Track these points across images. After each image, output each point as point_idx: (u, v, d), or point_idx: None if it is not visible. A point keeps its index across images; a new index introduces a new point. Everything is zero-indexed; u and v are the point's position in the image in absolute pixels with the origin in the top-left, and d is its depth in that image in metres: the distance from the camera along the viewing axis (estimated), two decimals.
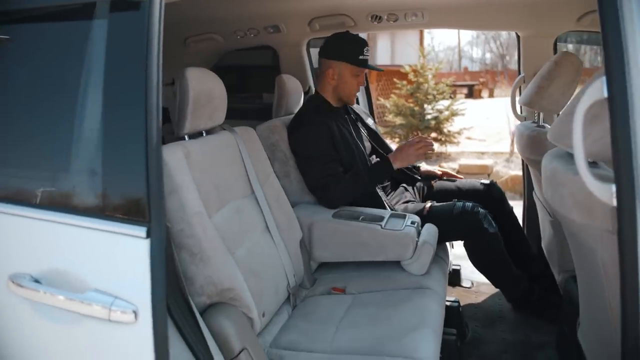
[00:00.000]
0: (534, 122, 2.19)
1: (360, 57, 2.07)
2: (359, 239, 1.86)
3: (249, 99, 3.09)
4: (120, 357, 0.97)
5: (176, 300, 1.17)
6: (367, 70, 2.18)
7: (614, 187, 0.92)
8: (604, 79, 0.94)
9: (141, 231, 0.93)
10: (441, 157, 7.04)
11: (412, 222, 1.89)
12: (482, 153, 6.97)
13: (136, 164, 0.94)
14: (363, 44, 2.10)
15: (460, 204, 2.04)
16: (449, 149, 7.24)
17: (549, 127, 2.19)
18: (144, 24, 0.95)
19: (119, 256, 0.95)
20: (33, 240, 1.02)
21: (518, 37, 2.41)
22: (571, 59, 1.94)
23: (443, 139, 7.16)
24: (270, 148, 2.09)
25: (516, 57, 2.55)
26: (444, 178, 2.44)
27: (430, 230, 1.89)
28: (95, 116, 0.97)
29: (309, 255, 1.93)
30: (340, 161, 2.03)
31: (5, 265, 1.03)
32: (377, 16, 2.34)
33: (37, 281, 1.00)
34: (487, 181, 2.34)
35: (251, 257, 1.55)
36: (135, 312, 0.92)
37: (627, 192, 0.89)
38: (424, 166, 2.49)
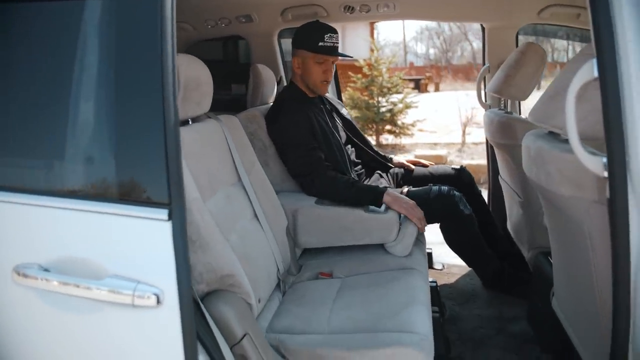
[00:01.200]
0: (501, 109, 2.30)
1: (320, 43, 2.04)
2: (343, 223, 1.90)
3: (219, 90, 3.05)
4: (145, 343, 0.96)
5: None
6: (334, 59, 2.17)
7: (604, 159, 1.01)
8: (594, 60, 1.02)
9: (162, 214, 0.92)
10: (396, 148, 7.22)
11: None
12: (435, 144, 7.20)
13: (154, 145, 0.93)
14: (325, 30, 2.06)
15: (436, 187, 2.13)
16: (403, 140, 7.43)
17: (516, 113, 2.32)
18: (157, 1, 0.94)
19: (140, 240, 0.94)
20: (44, 230, 0.98)
21: (483, 28, 2.52)
22: (536, 49, 2.06)
23: (397, 131, 7.33)
24: (249, 137, 2.08)
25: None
26: (416, 166, 2.52)
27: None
28: (110, 98, 0.95)
29: (294, 241, 1.95)
30: (321, 149, 2.05)
31: (13, 256, 0.99)
32: (349, 7, 2.38)
33: (46, 271, 0.97)
34: (457, 166, 2.45)
35: (243, 243, 1.56)
36: (159, 296, 0.92)
37: (618, 162, 0.97)
38: (396, 158, 2.56)
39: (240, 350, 1.34)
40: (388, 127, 7.31)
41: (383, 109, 7.21)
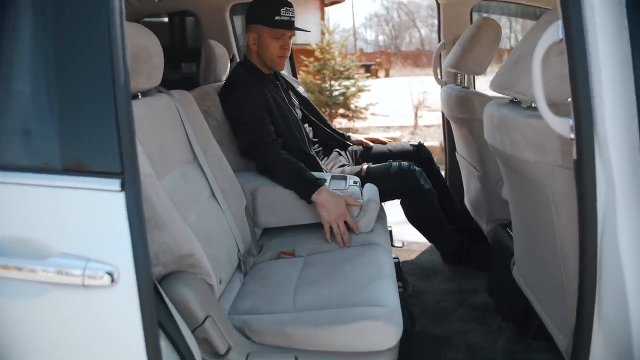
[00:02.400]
0: (458, 84, 2.31)
1: (277, 18, 1.97)
2: (305, 202, 1.85)
3: (168, 68, 2.91)
4: (101, 327, 0.87)
5: None
6: (291, 34, 2.11)
7: (571, 121, 1.00)
8: (559, 22, 1.01)
9: (114, 185, 0.84)
10: (350, 132, 7.22)
11: (355, 182, 1.92)
12: (389, 127, 7.26)
13: (103, 110, 0.84)
14: (282, 4, 1.98)
15: (396, 164, 2.11)
16: (357, 124, 7.44)
17: (472, 88, 2.34)
18: None
19: (89, 215, 0.85)
20: None
21: (438, 5, 2.52)
22: (491, 24, 2.07)
23: (351, 114, 7.34)
24: (203, 115, 1.99)
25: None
26: (375, 143, 2.50)
27: (372, 189, 1.93)
28: (53, 62, 0.85)
29: (254, 222, 1.89)
30: (273, 125, 1.98)
31: None
32: None
33: None
34: (416, 143, 2.44)
35: (202, 223, 1.49)
36: (113, 274, 0.84)
37: (586, 124, 0.97)
38: (354, 136, 2.53)
39: (203, 334, 1.27)
40: (342, 111, 7.30)
41: (336, 93, 7.18)
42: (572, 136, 1.00)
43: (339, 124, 7.42)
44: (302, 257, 1.75)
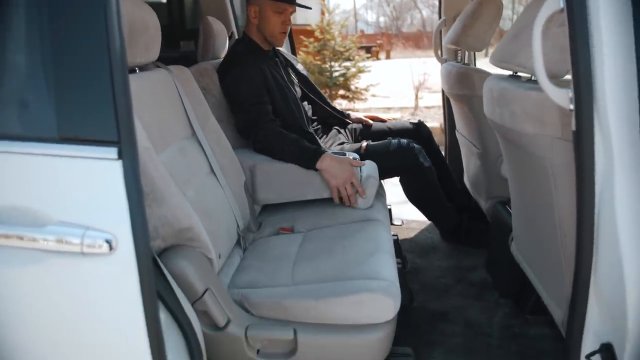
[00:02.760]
0: (458, 61, 2.29)
1: None
2: (303, 178, 1.85)
3: (167, 47, 2.89)
4: (100, 294, 0.88)
5: None
6: (292, 9, 2.10)
7: (570, 92, 1.00)
8: None
9: (111, 152, 0.83)
10: (355, 112, 7.20)
11: (354, 158, 1.91)
12: (389, 108, 7.22)
13: (99, 78, 0.83)
14: None
15: (395, 141, 2.11)
16: (357, 105, 7.41)
17: (473, 65, 2.32)
18: None
19: (87, 183, 0.85)
20: None
21: None
22: (493, 0, 2.05)
23: (351, 95, 7.30)
24: (202, 92, 1.98)
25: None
26: (374, 121, 2.49)
27: (371, 166, 1.93)
28: (46, 28, 0.84)
29: (252, 198, 1.89)
30: (272, 103, 1.97)
31: None
32: None
33: None
34: (415, 120, 2.43)
35: (201, 198, 1.49)
36: (111, 242, 0.84)
37: (586, 94, 0.96)
38: (353, 114, 2.52)
39: (202, 306, 1.28)
40: (342, 92, 7.25)
41: (336, 74, 7.13)
42: (571, 107, 1.00)
43: (339, 104, 7.38)
44: (300, 233, 1.75)
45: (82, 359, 0.93)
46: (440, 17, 2.55)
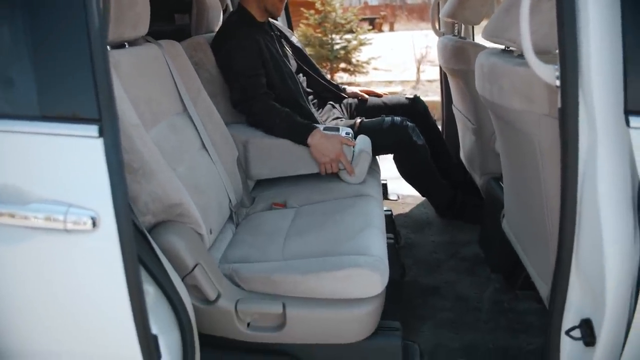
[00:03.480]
0: (455, 34, 2.26)
1: None
2: (296, 152, 1.85)
3: (160, 20, 2.84)
4: (83, 268, 0.90)
5: None
6: None
7: (556, 68, 0.99)
8: None
9: (92, 130, 0.84)
10: (351, 86, 7.13)
11: (347, 133, 1.91)
12: (390, 82, 7.14)
13: (78, 55, 0.83)
14: None
15: (389, 118, 2.10)
16: (358, 78, 7.33)
17: (470, 39, 2.29)
18: None
19: (69, 161, 0.86)
20: None
21: None
22: None
23: (352, 68, 7.22)
24: (194, 68, 1.96)
25: None
26: (370, 95, 2.47)
27: (365, 140, 1.93)
28: (24, 6, 0.83)
29: (245, 173, 1.90)
30: (267, 76, 1.96)
31: None
32: None
33: None
34: (411, 96, 2.41)
35: (192, 174, 1.49)
36: (94, 219, 0.85)
37: (571, 71, 0.95)
38: (349, 88, 2.50)
39: (192, 281, 1.31)
40: (343, 65, 7.17)
41: (337, 47, 7.03)
42: (557, 83, 0.99)
43: (340, 77, 7.31)
44: (293, 208, 1.76)
45: (68, 334, 0.95)
46: None
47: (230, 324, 1.35)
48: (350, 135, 1.91)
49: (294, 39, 2.36)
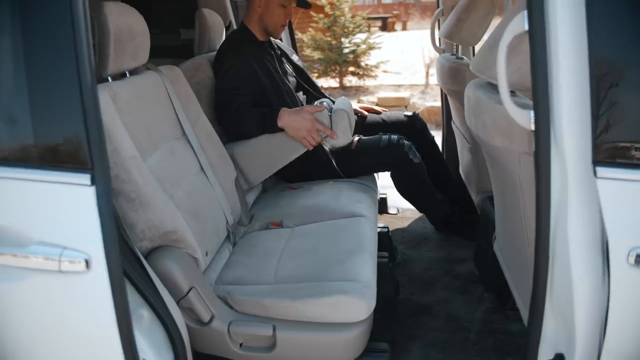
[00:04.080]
0: (453, 54, 2.29)
1: None
2: (277, 143, 1.94)
3: (166, 36, 2.91)
4: (76, 308, 0.96)
5: (120, 245, 1.17)
6: (294, 3, 2.14)
7: (532, 113, 1.02)
8: (525, 12, 1.01)
9: (85, 178, 0.90)
10: (360, 90, 7.16)
11: (321, 102, 1.98)
12: (399, 86, 7.16)
13: (71, 108, 0.89)
14: None
15: (386, 137, 2.13)
16: (367, 82, 7.35)
17: (467, 59, 2.31)
18: None
19: (64, 206, 0.92)
20: None
21: None
22: None
23: (361, 72, 7.24)
24: (196, 87, 2.02)
25: None
26: (369, 112, 2.52)
27: (342, 101, 1.99)
28: (19, 56, 0.89)
29: (246, 181, 1.97)
30: (263, 94, 2.01)
31: None
32: None
33: None
34: (410, 113, 2.45)
35: (189, 198, 1.55)
36: (87, 261, 0.91)
37: (543, 116, 0.99)
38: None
39: (187, 304, 1.37)
40: (351, 68, 7.20)
41: (346, 50, 7.06)
42: (533, 127, 1.02)
43: (349, 82, 7.34)
44: (289, 228, 1.81)
45: None
46: (438, 6, 2.53)
47: (224, 344, 1.41)
48: (326, 103, 1.97)
49: (295, 57, 2.41)
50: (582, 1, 0.92)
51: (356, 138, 2.18)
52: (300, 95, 2.29)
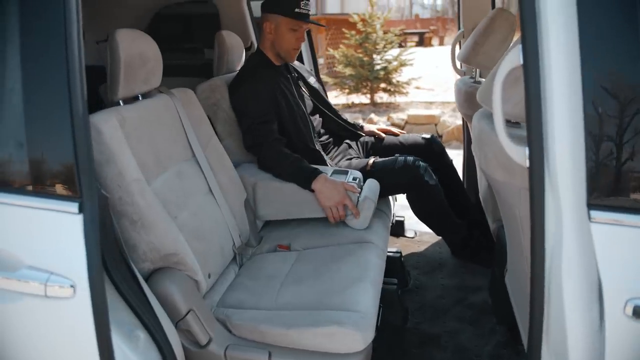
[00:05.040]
0: (471, 77, 2.25)
1: (297, 10, 2.02)
2: (302, 196, 1.90)
3: (191, 55, 2.99)
4: (61, 332, 0.98)
5: (118, 267, 1.19)
6: (307, 26, 2.16)
7: (527, 150, 0.99)
8: (519, 47, 0.98)
9: (73, 207, 0.92)
10: (390, 107, 7.12)
11: (354, 178, 1.94)
12: (430, 103, 7.09)
13: (62, 135, 0.92)
14: None
15: (402, 158, 2.11)
16: (398, 99, 7.32)
17: None
18: None
19: (52, 233, 0.95)
20: None
21: None
22: (506, 15, 1.99)
23: (392, 89, 7.21)
24: (212, 108, 2.07)
25: None
26: (387, 134, 2.50)
27: (371, 186, 1.95)
28: (12, 85, 0.93)
29: (254, 213, 1.96)
30: (279, 121, 2.03)
31: None
32: None
33: None
34: (428, 135, 2.41)
35: (195, 220, 1.57)
36: (73, 287, 0.93)
37: (537, 153, 0.95)
38: (367, 126, 2.53)
39: (185, 326, 1.38)
40: (382, 85, 7.18)
41: (377, 67, 7.05)
42: (527, 164, 0.99)
43: (380, 98, 7.32)
44: (296, 251, 1.81)
45: None
46: (459, 28, 2.50)
47: None
48: (358, 180, 1.94)
49: (312, 79, 2.42)
50: (576, 40, 0.89)
51: (372, 160, 2.17)
52: (317, 119, 2.29)
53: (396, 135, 2.47)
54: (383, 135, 2.45)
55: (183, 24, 2.99)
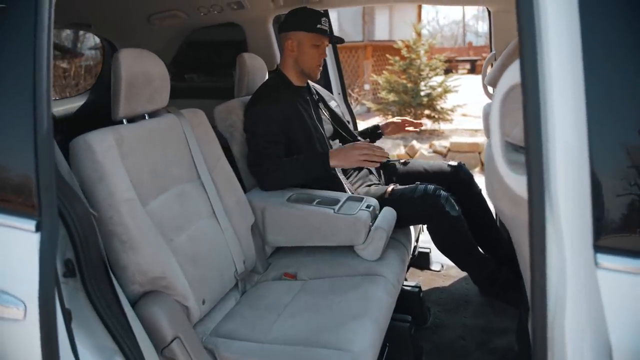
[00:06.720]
0: None
1: (318, 26, 2.02)
2: (312, 223, 1.81)
3: (220, 77, 3.01)
4: (10, 354, 0.94)
5: (100, 289, 1.15)
6: (327, 43, 2.12)
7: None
8: (517, 63, 0.88)
9: (30, 224, 0.88)
10: (434, 134, 6.95)
11: (368, 206, 1.83)
12: (476, 131, 6.86)
13: (24, 151, 0.89)
14: (320, 14, 2.06)
15: (422, 186, 1.99)
16: (442, 126, 7.14)
17: None
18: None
19: (7, 250, 0.91)
20: None
21: (489, 12, 2.31)
22: None
23: (436, 116, 7.05)
24: (229, 130, 2.04)
25: None
26: (407, 127, 2.44)
27: (386, 215, 1.84)
28: None
29: (263, 239, 1.89)
30: (293, 143, 1.97)
31: None
32: None
33: None
34: (454, 163, 2.28)
35: (192, 243, 1.51)
36: (24, 308, 0.89)
37: (537, 182, 0.83)
38: (383, 124, 2.48)
39: (170, 354, 1.31)
40: (427, 112, 7.04)
41: (421, 93, 6.93)
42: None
43: (424, 125, 7.18)
44: (302, 281, 1.72)
45: None
46: (490, 50, 2.37)
47: None
48: (372, 208, 1.84)
49: (333, 103, 2.36)
50: (579, 57, 0.78)
51: (390, 187, 2.05)
52: (337, 143, 2.22)
53: (420, 125, 2.38)
54: (399, 121, 2.38)
55: (216, 47, 3.04)
